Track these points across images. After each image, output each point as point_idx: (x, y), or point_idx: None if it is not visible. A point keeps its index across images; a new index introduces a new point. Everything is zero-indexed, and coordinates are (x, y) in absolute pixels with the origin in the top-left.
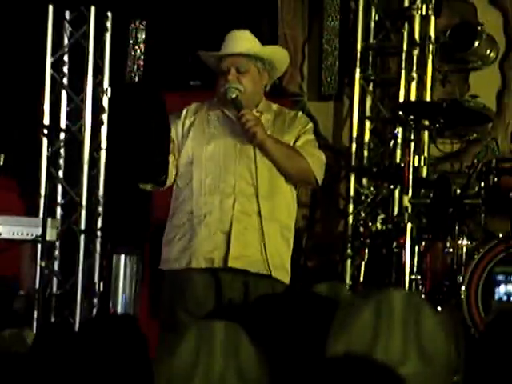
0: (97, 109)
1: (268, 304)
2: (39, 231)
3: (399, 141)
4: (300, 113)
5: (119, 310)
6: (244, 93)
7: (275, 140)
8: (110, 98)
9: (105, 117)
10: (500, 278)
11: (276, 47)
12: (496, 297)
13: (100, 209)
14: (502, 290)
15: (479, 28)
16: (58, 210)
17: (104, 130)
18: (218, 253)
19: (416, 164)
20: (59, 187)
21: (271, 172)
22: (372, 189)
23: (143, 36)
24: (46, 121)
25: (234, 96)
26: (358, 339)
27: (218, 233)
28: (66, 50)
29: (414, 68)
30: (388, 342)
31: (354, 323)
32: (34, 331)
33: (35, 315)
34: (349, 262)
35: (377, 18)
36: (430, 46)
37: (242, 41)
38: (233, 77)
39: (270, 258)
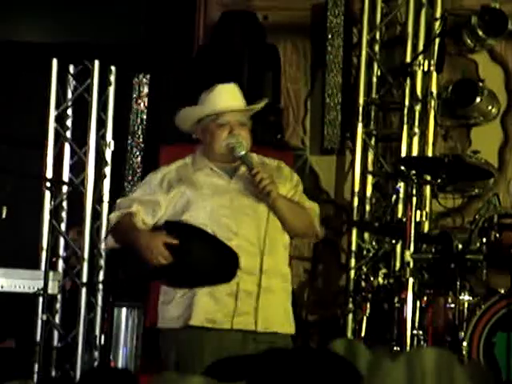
0: (99, 162)
1: (282, 361)
2: (41, 284)
3: (401, 196)
4: (282, 163)
5: (120, 363)
6: (247, 147)
7: (284, 197)
8: (112, 151)
9: (107, 170)
10: None
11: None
12: None
13: (102, 262)
14: None
15: (480, 84)
16: (60, 263)
17: (107, 182)
18: (221, 313)
19: (418, 219)
20: (61, 240)
21: (273, 227)
22: (374, 243)
23: (146, 90)
24: (49, 174)
25: (243, 153)
26: None
27: (223, 294)
28: (70, 103)
29: (416, 123)
30: None
31: (386, 382)
32: None
33: (36, 368)
34: (350, 316)
35: (379, 73)
36: (432, 102)
37: (236, 95)
38: (241, 132)
39: (267, 316)
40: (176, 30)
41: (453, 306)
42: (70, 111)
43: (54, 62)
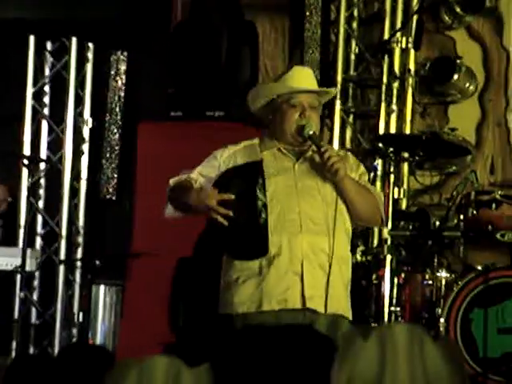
0: (77, 139)
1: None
2: (19, 261)
3: (379, 173)
4: (350, 154)
5: (98, 340)
6: (316, 129)
7: (352, 178)
8: (90, 129)
9: (85, 147)
10: None
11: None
12: None
13: (80, 239)
14: None
15: (458, 61)
16: (38, 240)
17: (84, 160)
18: (290, 292)
19: (395, 196)
20: (39, 217)
21: (339, 211)
22: None
23: (124, 67)
24: (27, 151)
25: (311, 132)
26: (364, 373)
27: (289, 273)
28: (47, 80)
29: (394, 100)
30: (395, 375)
31: (358, 358)
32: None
33: (14, 345)
34: None
35: (357, 50)
36: (410, 79)
37: (311, 78)
38: (312, 113)
39: (331, 298)
40: (154, 6)
41: (430, 282)
42: (47, 88)
43: (31, 38)
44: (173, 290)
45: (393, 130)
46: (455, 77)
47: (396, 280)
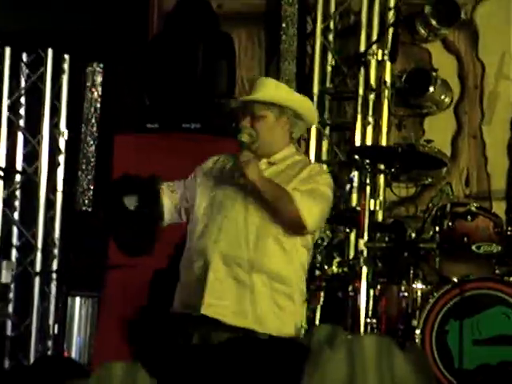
0: (53, 151)
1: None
2: None
3: (355, 184)
4: (324, 168)
5: (74, 352)
6: (257, 139)
7: (268, 180)
8: (66, 141)
9: (61, 158)
10: None
11: (301, 97)
12: None
13: (56, 251)
14: None
15: (434, 74)
16: (14, 253)
17: (60, 171)
18: (193, 299)
19: (372, 208)
20: (14, 229)
21: (263, 218)
22: (328, 232)
23: (100, 79)
24: (2, 163)
25: (242, 139)
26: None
27: (195, 279)
28: (23, 92)
29: (370, 112)
30: None
31: (327, 368)
32: None
33: None
34: (305, 305)
35: (333, 62)
36: (386, 91)
37: (263, 87)
38: (246, 122)
39: (252, 311)
40: (130, 18)
41: (406, 294)
42: (23, 100)
43: (7, 50)
44: (149, 301)
45: (369, 142)
46: (431, 89)
47: (372, 292)
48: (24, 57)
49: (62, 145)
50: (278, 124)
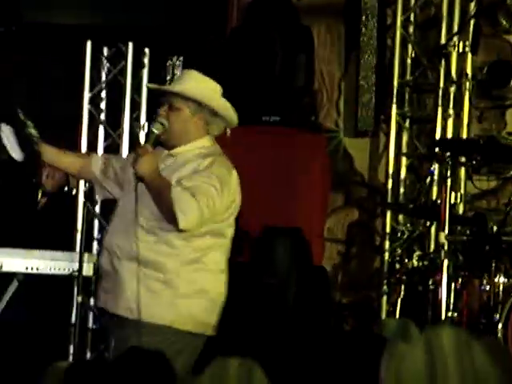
0: (134, 144)
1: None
2: (76, 266)
3: (436, 177)
4: (217, 162)
5: None
6: (168, 130)
7: (157, 174)
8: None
9: None
10: None
11: (223, 99)
12: None
13: None
14: None
15: None
16: (95, 245)
17: None
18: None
19: (452, 201)
20: (96, 222)
21: (154, 211)
22: (408, 225)
23: (180, 72)
24: None
25: (152, 129)
26: (413, 374)
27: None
28: (104, 85)
29: (451, 105)
30: (446, 378)
31: (405, 360)
32: None
33: (71, 350)
34: (384, 298)
35: (413, 54)
36: (467, 83)
37: (187, 80)
38: (163, 111)
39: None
40: (210, 11)
41: (488, 288)
42: (103, 93)
43: (88, 44)
44: None
45: (450, 135)
46: None
47: (453, 285)
48: (105, 51)
49: (142, 138)
50: (193, 119)
